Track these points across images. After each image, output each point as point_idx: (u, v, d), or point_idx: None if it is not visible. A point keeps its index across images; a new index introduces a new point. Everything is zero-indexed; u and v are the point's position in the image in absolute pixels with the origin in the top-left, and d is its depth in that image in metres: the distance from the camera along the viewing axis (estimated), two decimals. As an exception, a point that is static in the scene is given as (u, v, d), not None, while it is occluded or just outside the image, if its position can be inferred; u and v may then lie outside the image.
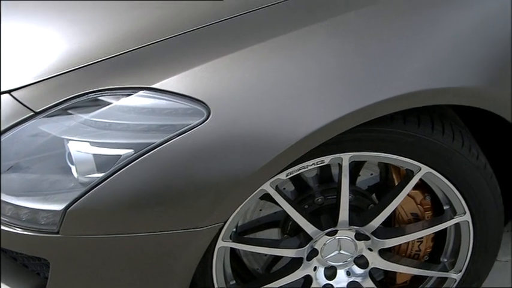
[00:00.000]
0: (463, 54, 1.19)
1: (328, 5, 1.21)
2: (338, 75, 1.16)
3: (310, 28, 1.17)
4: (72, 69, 1.20)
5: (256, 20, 1.20)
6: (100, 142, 1.13)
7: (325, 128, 1.14)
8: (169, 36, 1.20)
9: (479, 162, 1.30)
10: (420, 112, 1.26)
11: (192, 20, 1.22)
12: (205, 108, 1.12)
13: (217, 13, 1.22)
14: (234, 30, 1.19)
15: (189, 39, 1.19)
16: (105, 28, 1.28)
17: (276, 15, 1.20)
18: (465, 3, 1.21)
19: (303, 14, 1.20)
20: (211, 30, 1.19)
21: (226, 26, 1.19)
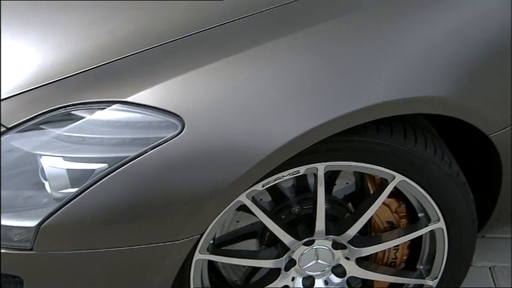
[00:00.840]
0: (433, 64, 1.21)
1: (301, 17, 1.22)
2: (311, 86, 1.17)
3: (283, 40, 1.18)
4: (44, 84, 1.19)
5: (230, 32, 1.20)
6: (73, 157, 1.12)
7: (300, 139, 1.15)
8: (143, 49, 1.20)
9: (452, 170, 1.32)
10: (393, 121, 1.28)
11: (166, 33, 1.22)
12: (179, 120, 1.12)
13: (190, 26, 1.22)
14: (208, 42, 1.19)
15: (163, 51, 1.19)
16: (79, 41, 1.28)
17: (249, 27, 1.21)
18: (435, 13, 1.23)
19: (276, 26, 1.21)
20: (185, 42, 1.20)
21: (199, 38, 1.20)
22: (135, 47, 1.20)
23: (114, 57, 1.20)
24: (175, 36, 1.21)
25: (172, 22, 1.26)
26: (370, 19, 1.21)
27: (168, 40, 1.20)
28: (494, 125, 1.28)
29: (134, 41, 1.22)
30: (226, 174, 1.14)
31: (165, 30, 1.23)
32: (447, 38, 1.22)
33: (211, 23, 1.21)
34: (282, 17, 1.22)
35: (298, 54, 1.18)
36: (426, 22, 1.22)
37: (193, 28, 1.21)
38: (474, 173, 1.47)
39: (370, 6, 1.22)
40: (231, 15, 1.22)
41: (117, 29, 1.28)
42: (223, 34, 1.20)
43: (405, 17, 1.22)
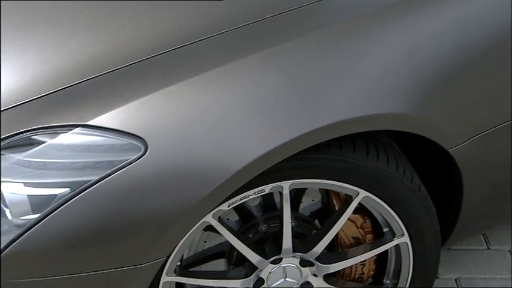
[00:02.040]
0: (392, 81, 1.24)
1: (262, 37, 1.23)
2: (274, 105, 1.18)
3: (245, 60, 1.19)
4: (4, 109, 1.18)
5: (192, 53, 1.21)
6: (34, 182, 1.10)
7: (263, 158, 1.16)
8: (105, 71, 1.20)
9: (414, 184, 1.34)
10: (355, 138, 1.30)
11: (128, 55, 1.22)
12: (142, 143, 1.12)
13: (152, 47, 1.22)
14: (170, 63, 1.20)
15: (126, 74, 1.19)
16: (40, 64, 1.27)
17: (211, 48, 1.22)
18: (393, 31, 1.26)
19: (238, 46, 1.22)
20: (147, 64, 1.20)
21: (161, 59, 1.20)
22: (96, 70, 1.20)
23: (76, 80, 1.20)
24: (137, 58, 1.21)
25: (135, 44, 1.26)
26: (331, 38, 1.24)
27: (130, 62, 1.20)
28: (453, 139, 1.31)
29: (96, 64, 1.22)
30: (190, 195, 1.14)
31: (127, 52, 1.23)
32: (405, 55, 1.25)
33: (173, 44, 1.22)
34: (243, 37, 1.24)
35: (260, 74, 1.19)
36: (385, 40, 1.25)
37: (155, 50, 1.21)
38: (437, 187, 1.50)
39: (330, 26, 1.24)
40: (192, 37, 1.23)
41: (79, 51, 1.27)
42: (185, 55, 1.21)
43: (364, 36, 1.24)
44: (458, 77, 1.28)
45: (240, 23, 1.25)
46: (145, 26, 1.30)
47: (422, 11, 1.26)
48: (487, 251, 1.87)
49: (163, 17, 1.31)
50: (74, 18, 1.37)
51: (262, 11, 1.27)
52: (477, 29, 1.28)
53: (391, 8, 1.26)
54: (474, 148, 1.34)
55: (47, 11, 1.41)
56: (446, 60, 1.27)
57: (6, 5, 1.44)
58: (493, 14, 1.28)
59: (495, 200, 1.54)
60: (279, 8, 1.27)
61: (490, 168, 1.42)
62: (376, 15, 1.26)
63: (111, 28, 1.32)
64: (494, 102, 1.33)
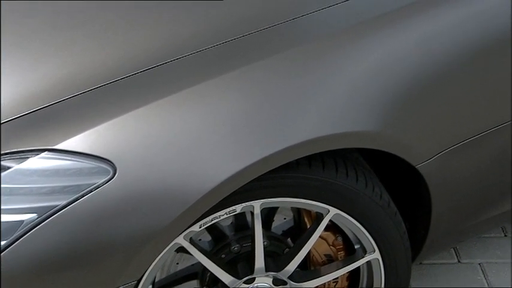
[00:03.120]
0: (360, 99, 1.25)
1: (231, 57, 1.24)
2: (243, 125, 1.19)
3: (214, 80, 1.20)
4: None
5: (161, 75, 1.21)
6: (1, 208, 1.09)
7: (233, 178, 1.16)
8: (74, 94, 1.19)
9: (383, 200, 1.36)
10: (325, 156, 1.31)
11: (96, 77, 1.22)
12: (111, 166, 1.11)
13: (120, 69, 1.22)
14: (139, 85, 1.20)
15: (94, 96, 1.19)
16: (7, 88, 1.25)
17: (180, 69, 1.22)
18: (360, 50, 1.28)
19: (207, 67, 1.23)
20: (115, 86, 1.20)
21: (130, 81, 1.20)
22: (64, 93, 1.20)
23: (43, 103, 1.19)
24: (105, 80, 1.21)
25: (103, 66, 1.25)
26: (300, 57, 1.25)
27: (98, 85, 1.20)
28: (420, 155, 1.34)
29: (64, 87, 1.21)
30: (161, 217, 1.13)
31: (95, 75, 1.23)
32: (373, 74, 1.26)
33: (142, 66, 1.22)
34: (212, 58, 1.24)
35: (229, 95, 1.20)
36: (353, 58, 1.26)
37: (124, 71, 1.21)
38: (407, 202, 1.52)
39: (299, 45, 1.26)
40: (161, 58, 1.24)
41: (46, 75, 1.26)
42: (154, 76, 1.21)
43: (334, 54, 1.26)
44: (424, 95, 1.30)
45: (209, 43, 1.26)
46: (114, 48, 1.30)
47: (389, 29, 1.29)
48: (458, 265, 1.89)
49: (132, 38, 1.32)
50: (43, 41, 1.37)
51: (232, 31, 1.28)
52: (441, 48, 1.30)
53: (360, 27, 1.29)
54: (441, 164, 1.36)
55: (16, 33, 1.40)
56: (413, 78, 1.29)
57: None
58: (457, 34, 1.31)
59: (463, 215, 1.56)
60: (249, 27, 1.28)
61: (457, 183, 1.45)
62: (345, 34, 1.28)
63: (79, 51, 1.31)
64: (459, 119, 1.36)
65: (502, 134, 1.42)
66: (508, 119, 1.41)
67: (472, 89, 1.34)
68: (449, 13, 1.32)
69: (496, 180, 1.53)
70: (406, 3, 1.31)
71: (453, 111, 1.34)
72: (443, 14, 1.32)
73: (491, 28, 1.33)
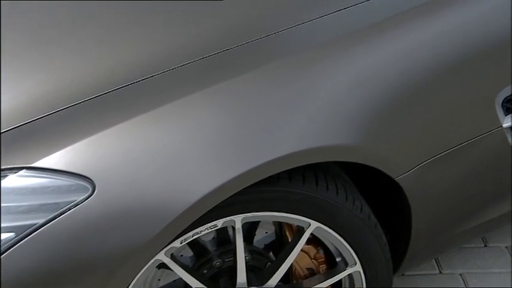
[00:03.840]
0: (339, 113, 1.26)
1: (212, 72, 1.24)
2: (224, 140, 1.19)
3: (194, 95, 1.20)
4: None
5: (139, 91, 1.21)
6: (-23, 228, 1.08)
7: (214, 193, 1.16)
8: (52, 111, 1.19)
9: (364, 213, 1.37)
10: (305, 170, 1.32)
11: (75, 94, 1.21)
12: (90, 183, 1.10)
13: (99, 85, 1.22)
14: (118, 101, 1.19)
15: (72, 113, 1.18)
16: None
17: (159, 85, 1.23)
18: (338, 64, 1.29)
19: (187, 82, 1.23)
20: (94, 103, 1.19)
21: (108, 98, 1.20)
22: (43, 110, 1.19)
23: (21, 121, 1.18)
24: (85, 96, 1.20)
25: (82, 82, 1.25)
26: (278, 72, 1.26)
27: (76, 101, 1.19)
28: (399, 168, 1.35)
29: (42, 104, 1.21)
30: (141, 234, 1.13)
31: (73, 91, 1.22)
32: (351, 87, 1.28)
33: (121, 82, 1.22)
34: (192, 73, 1.25)
35: (209, 110, 1.20)
36: (332, 72, 1.28)
37: (103, 88, 1.21)
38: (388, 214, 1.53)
39: (277, 60, 1.26)
40: (139, 74, 1.24)
41: (25, 92, 1.26)
42: (133, 92, 1.21)
43: (312, 69, 1.27)
44: (402, 108, 1.32)
45: (188, 58, 1.26)
46: (93, 64, 1.30)
47: (367, 43, 1.30)
48: (439, 275, 1.91)
49: (111, 54, 1.32)
50: (22, 58, 1.36)
51: (212, 46, 1.29)
52: (418, 61, 1.32)
53: (338, 42, 1.30)
54: (420, 176, 1.38)
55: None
56: (391, 91, 1.30)
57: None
58: (434, 48, 1.33)
59: (444, 225, 1.58)
60: (228, 42, 1.29)
61: (437, 194, 1.46)
62: (324, 48, 1.29)
63: (58, 66, 1.31)
64: (437, 131, 1.38)
65: (480, 145, 1.44)
66: (485, 130, 1.43)
67: (449, 101, 1.36)
68: (426, 28, 1.34)
69: (476, 191, 1.55)
70: (383, 18, 1.33)
71: (431, 123, 1.35)
72: (420, 28, 1.33)
73: (468, 42, 1.35)
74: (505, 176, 1.56)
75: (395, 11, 1.33)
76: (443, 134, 1.39)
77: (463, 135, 1.40)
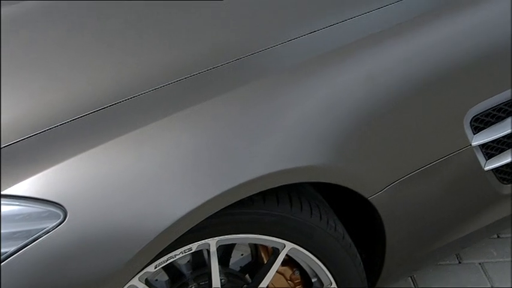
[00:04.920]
0: (311, 134, 1.28)
1: (183, 96, 1.25)
2: (197, 163, 1.19)
3: (165, 120, 1.20)
4: None
5: (111, 116, 1.21)
6: None
7: (187, 217, 1.16)
8: (22, 138, 1.18)
9: (338, 233, 1.38)
10: (279, 191, 1.33)
11: (45, 119, 1.21)
12: (61, 209, 1.09)
13: (70, 111, 1.21)
14: (89, 127, 1.19)
15: (43, 139, 1.17)
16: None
17: (130, 110, 1.22)
18: (309, 86, 1.30)
19: (159, 106, 1.23)
20: (65, 128, 1.19)
21: (80, 123, 1.19)
22: (13, 136, 1.18)
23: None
24: (55, 122, 1.20)
25: (52, 108, 1.24)
26: (249, 94, 1.27)
27: (47, 127, 1.19)
28: (371, 187, 1.36)
29: (10, 131, 1.19)
30: (114, 260, 1.12)
31: (44, 117, 1.21)
32: (322, 109, 1.29)
33: (92, 107, 1.22)
34: (164, 97, 1.25)
35: (180, 133, 1.20)
36: (303, 94, 1.29)
37: (73, 113, 1.21)
38: (363, 233, 1.54)
39: (249, 83, 1.27)
40: (111, 99, 1.23)
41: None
42: (104, 118, 1.21)
43: (282, 91, 1.28)
44: (372, 129, 1.33)
45: (161, 82, 1.27)
46: (62, 90, 1.29)
47: (338, 65, 1.32)
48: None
49: (80, 79, 1.32)
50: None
51: (183, 70, 1.29)
52: (388, 82, 1.34)
53: (310, 64, 1.32)
54: (392, 195, 1.39)
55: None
56: (362, 112, 1.32)
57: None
58: (404, 68, 1.35)
59: (418, 243, 1.59)
60: (200, 66, 1.30)
61: (410, 212, 1.48)
62: (296, 70, 1.31)
63: (28, 92, 1.30)
64: (408, 150, 1.40)
65: (450, 164, 1.46)
66: (455, 149, 1.46)
67: (418, 121, 1.38)
68: (394, 50, 1.36)
69: (448, 208, 1.57)
70: (352, 40, 1.35)
71: (401, 143, 1.37)
72: (390, 49, 1.36)
73: (436, 62, 1.38)
74: (476, 193, 1.59)
75: (364, 34, 1.36)
76: (413, 154, 1.41)
77: (433, 154, 1.42)
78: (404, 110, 1.37)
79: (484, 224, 1.67)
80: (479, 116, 1.45)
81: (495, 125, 1.49)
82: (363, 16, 1.40)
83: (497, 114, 1.48)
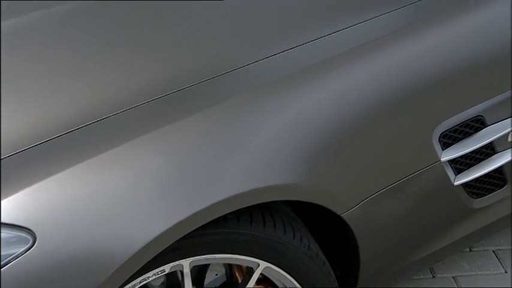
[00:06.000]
0: (283, 153, 1.28)
1: (153, 117, 1.25)
2: (168, 184, 1.18)
3: (136, 141, 1.20)
4: None
5: (81, 138, 1.20)
6: None
7: (160, 238, 1.15)
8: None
9: (311, 251, 1.38)
10: (252, 210, 1.33)
11: (13, 142, 1.20)
12: (30, 234, 1.08)
13: (38, 134, 1.20)
14: (58, 149, 1.18)
15: (10, 163, 1.16)
16: None
17: (101, 131, 1.22)
18: (280, 105, 1.31)
19: (129, 127, 1.23)
20: (34, 151, 1.17)
21: (49, 146, 1.18)
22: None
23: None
24: (23, 145, 1.18)
25: (19, 131, 1.23)
26: (221, 114, 1.27)
27: (15, 151, 1.17)
28: (343, 204, 1.37)
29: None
30: (86, 284, 1.10)
31: (12, 140, 1.20)
32: (294, 127, 1.29)
33: (62, 129, 1.21)
34: (134, 118, 1.24)
35: (152, 154, 1.20)
36: (273, 113, 1.29)
37: (42, 136, 1.20)
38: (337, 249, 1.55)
39: (218, 103, 1.28)
40: (82, 120, 1.23)
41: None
42: (74, 139, 1.20)
43: (253, 110, 1.28)
44: (343, 146, 1.35)
45: (131, 103, 1.26)
46: (31, 112, 1.28)
47: (308, 83, 1.33)
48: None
49: (51, 101, 1.31)
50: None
51: (154, 90, 1.30)
52: (358, 99, 1.36)
53: (279, 83, 1.33)
54: (365, 211, 1.40)
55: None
56: (331, 130, 1.33)
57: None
58: (373, 86, 1.37)
59: (392, 259, 1.60)
60: (170, 87, 1.30)
61: (383, 228, 1.49)
62: (266, 89, 1.31)
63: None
64: (379, 167, 1.41)
65: (421, 180, 1.48)
66: (425, 165, 1.48)
67: (388, 138, 1.40)
68: (364, 68, 1.38)
69: (420, 223, 1.59)
70: (322, 59, 1.37)
71: (372, 160, 1.39)
72: (359, 68, 1.38)
73: (404, 80, 1.40)
74: (447, 207, 1.61)
75: (333, 52, 1.38)
76: (385, 170, 1.42)
77: (404, 171, 1.44)
78: (375, 128, 1.38)
79: (456, 237, 1.69)
80: (447, 132, 1.48)
81: (463, 140, 1.52)
82: (332, 35, 1.42)
83: (465, 130, 1.51)
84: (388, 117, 1.39)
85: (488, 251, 2.10)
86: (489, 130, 1.54)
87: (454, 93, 1.46)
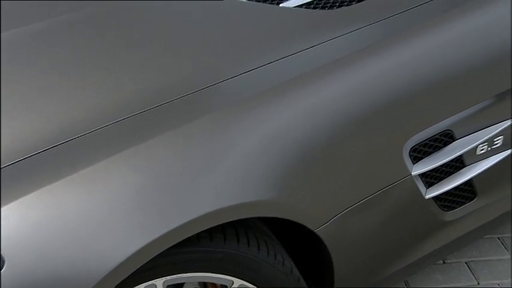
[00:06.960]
0: (255, 170, 1.28)
1: (125, 135, 1.24)
2: (140, 203, 1.17)
3: (107, 160, 1.19)
4: None
5: (50, 158, 1.19)
6: None
7: (132, 258, 1.14)
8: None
9: (286, 267, 1.38)
10: (226, 227, 1.33)
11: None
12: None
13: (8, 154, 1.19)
14: (25, 171, 1.16)
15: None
16: None
17: (72, 151, 1.21)
18: (253, 122, 1.32)
19: (100, 147, 1.22)
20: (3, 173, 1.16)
21: (16, 168, 1.16)
22: None
23: None
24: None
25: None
26: (193, 132, 1.26)
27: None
28: (317, 220, 1.38)
29: None
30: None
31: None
32: (265, 144, 1.30)
33: (31, 149, 1.20)
34: (105, 137, 1.23)
35: (124, 173, 1.19)
36: (244, 130, 1.29)
37: (10, 157, 1.18)
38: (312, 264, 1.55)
39: (190, 120, 1.28)
40: (54, 139, 1.22)
41: None
42: (43, 159, 1.18)
43: (224, 127, 1.28)
44: (316, 162, 1.35)
45: (103, 122, 1.26)
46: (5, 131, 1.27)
47: (279, 100, 1.34)
48: (367, 322, 1.93)
49: (22, 120, 1.29)
50: None
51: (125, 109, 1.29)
52: (328, 116, 1.36)
53: (251, 100, 1.33)
54: (338, 226, 1.41)
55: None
56: (304, 146, 1.34)
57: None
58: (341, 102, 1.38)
59: (366, 272, 1.61)
60: (143, 105, 1.30)
61: (357, 243, 1.50)
62: (238, 106, 1.32)
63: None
64: (351, 182, 1.42)
65: (392, 194, 1.50)
66: (396, 179, 1.50)
67: (359, 153, 1.42)
68: (334, 84, 1.39)
69: (394, 236, 1.61)
70: (294, 76, 1.38)
71: (343, 175, 1.40)
72: (329, 85, 1.39)
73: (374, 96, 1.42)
74: (419, 220, 1.63)
75: (304, 69, 1.39)
76: (356, 185, 1.44)
77: (375, 185, 1.46)
78: (346, 143, 1.40)
79: (429, 250, 1.71)
80: (417, 146, 1.50)
81: (433, 154, 1.55)
82: (304, 52, 1.44)
83: (434, 144, 1.54)
84: (359, 132, 1.41)
85: (461, 263, 2.12)
86: (458, 144, 1.57)
87: (423, 108, 1.49)
